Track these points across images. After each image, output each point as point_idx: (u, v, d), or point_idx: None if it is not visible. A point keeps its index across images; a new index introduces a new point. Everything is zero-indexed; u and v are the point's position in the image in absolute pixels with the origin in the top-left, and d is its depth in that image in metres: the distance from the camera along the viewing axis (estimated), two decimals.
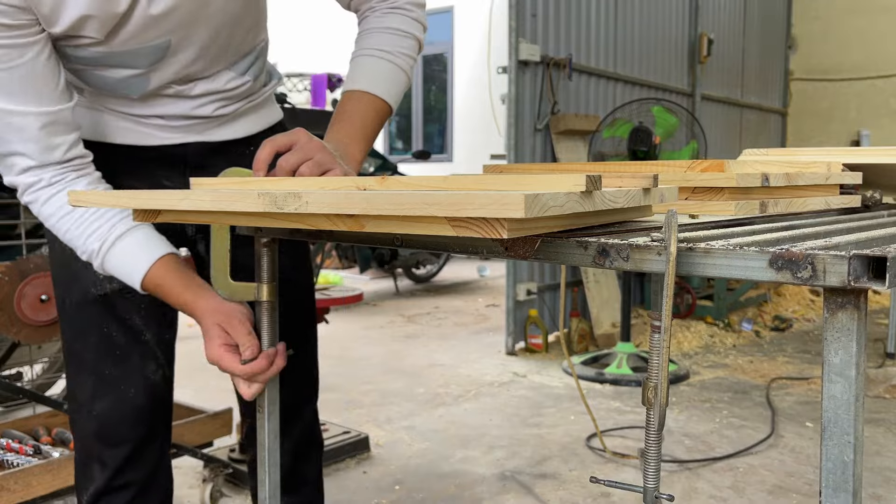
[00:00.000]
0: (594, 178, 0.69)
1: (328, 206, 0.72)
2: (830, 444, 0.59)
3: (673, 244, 0.63)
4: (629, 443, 2.84)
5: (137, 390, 1.20)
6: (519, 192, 0.61)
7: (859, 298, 0.57)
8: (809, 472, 2.55)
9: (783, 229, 0.76)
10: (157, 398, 1.23)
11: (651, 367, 0.72)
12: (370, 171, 6.21)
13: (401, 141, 10.21)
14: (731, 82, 6.47)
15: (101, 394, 1.19)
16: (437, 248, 0.81)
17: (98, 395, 1.19)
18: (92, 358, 1.19)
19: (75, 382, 1.22)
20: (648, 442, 0.75)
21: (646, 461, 0.75)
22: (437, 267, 6.94)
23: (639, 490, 0.76)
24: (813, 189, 1.10)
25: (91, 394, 1.19)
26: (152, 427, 1.23)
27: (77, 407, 1.22)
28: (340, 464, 2.63)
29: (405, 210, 0.66)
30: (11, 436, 2.14)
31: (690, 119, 4.28)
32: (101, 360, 1.19)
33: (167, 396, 1.26)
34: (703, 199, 0.94)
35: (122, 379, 1.19)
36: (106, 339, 1.19)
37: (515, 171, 1.17)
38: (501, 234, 0.63)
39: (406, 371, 3.91)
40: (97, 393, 1.19)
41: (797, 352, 4.33)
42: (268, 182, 0.97)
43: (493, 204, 0.61)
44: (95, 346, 1.19)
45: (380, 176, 0.82)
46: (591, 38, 4.71)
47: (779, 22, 7.26)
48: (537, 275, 4.41)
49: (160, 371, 1.23)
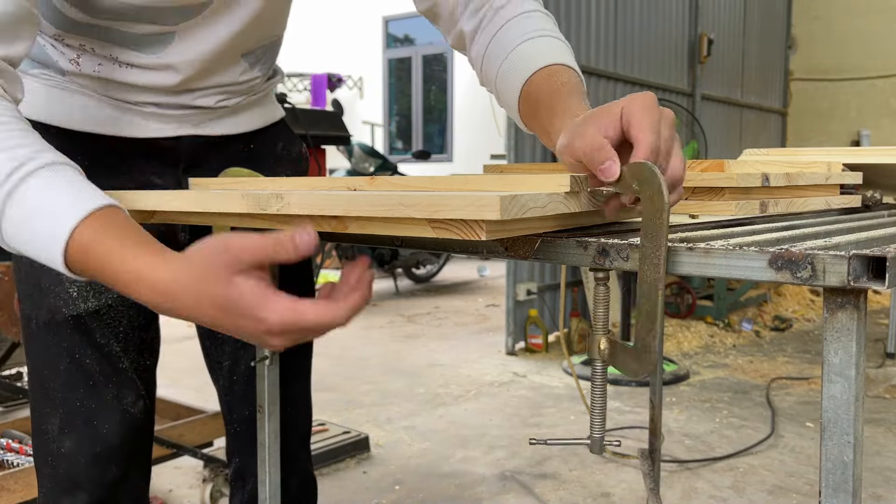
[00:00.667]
0: (579, 179, 0.69)
1: (310, 208, 0.72)
2: (830, 444, 0.59)
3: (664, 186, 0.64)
4: (629, 443, 2.84)
5: (112, 426, 1.04)
6: (496, 194, 0.61)
7: (859, 298, 0.57)
8: (809, 472, 2.55)
9: (783, 229, 0.76)
10: (135, 434, 1.07)
11: (596, 319, 0.75)
12: (370, 171, 6.21)
13: (401, 141, 10.21)
14: (731, 82, 6.47)
15: (69, 429, 1.03)
16: (436, 249, 0.80)
17: (66, 430, 1.03)
18: (60, 387, 1.03)
19: (40, 414, 1.05)
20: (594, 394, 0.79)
21: (592, 411, 0.77)
22: (437, 267, 6.94)
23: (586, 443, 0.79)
24: (813, 189, 1.10)
25: (58, 428, 1.03)
26: (127, 468, 1.07)
27: (42, 442, 1.05)
28: (340, 464, 2.63)
29: (384, 211, 0.66)
30: (11, 436, 2.15)
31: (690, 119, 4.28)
32: (71, 390, 1.03)
33: (147, 430, 1.11)
34: (703, 199, 0.94)
35: (94, 413, 1.03)
36: (77, 366, 1.02)
37: (515, 171, 1.17)
38: (480, 235, 0.63)
39: (406, 371, 3.91)
40: (65, 428, 1.03)
41: (797, 352, 4.33)
42: (265, 182, 0.97)
43: (469, 205, 0.61)
44: (65, 373, 1.02)
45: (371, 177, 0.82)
46: (591, 38, 4.71)
47: (779, 22, 7.26)
48: (537, 275, 4.41)
49: (140, 402, 1.07)
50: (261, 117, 1.21)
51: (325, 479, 2.51)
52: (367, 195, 0.68)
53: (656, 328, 0.66)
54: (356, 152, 6.29)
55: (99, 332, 1.03)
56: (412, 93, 9.80)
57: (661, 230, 0.63)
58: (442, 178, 0.80)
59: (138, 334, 1.06)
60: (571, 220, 0.73)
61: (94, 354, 1.03)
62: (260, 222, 0.83)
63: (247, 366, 1.23)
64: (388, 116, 10.04)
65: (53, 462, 1.04)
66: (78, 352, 1.02)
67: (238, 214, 0.82)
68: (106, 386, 1.04)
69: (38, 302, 1.02)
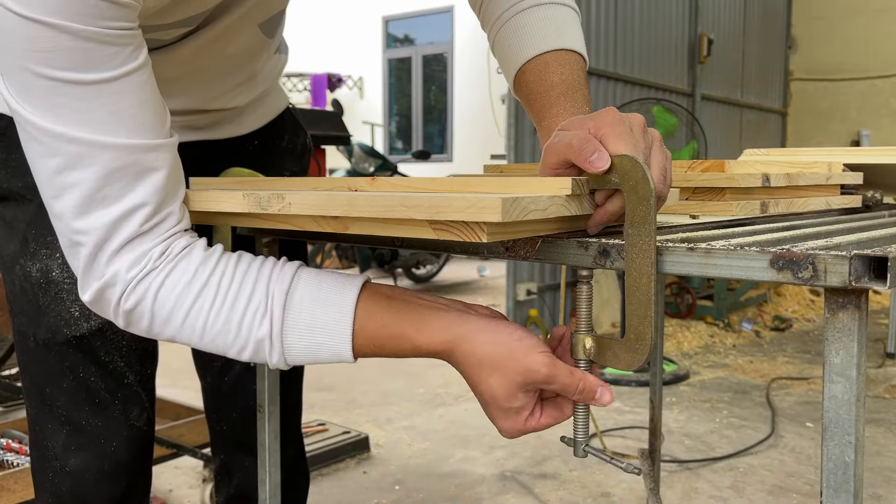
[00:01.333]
0: (580, 182, 0.69)
1: (311, 208, 0.72)
2: (831, 444, 0.58)
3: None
4: (629, 443, 2.84)
5: (120, 443, 1.02)
6: (497, 196, 0.61)
7: (860, 298, 0.57)
8: (809, 472, 2.55)
9: (784, 229, 0.76)
10: (142, 447, 1.06)
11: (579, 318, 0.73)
12: (370, 171, 6.21)
13: (401, 141, 10.21)
14: (731, 82, 6.47)
15: (76, 447, 1.00)
16: (437, 249, 0.80)
17: (73, 447, 1.00)
18: (65, 404, 0.99)
19: (43, 428, 1.01)
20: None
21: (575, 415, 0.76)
22: (437, 267, 6.94)
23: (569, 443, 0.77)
24: (814, 189, 1.10)
25: (63, 445, 1.00)
26: (133, 482, 1.05)
27: (42, 459, 1.02)
28: (340, 464, 2.63)
29: (385, 212, 0.66)
30: (11, 436, 2.14)
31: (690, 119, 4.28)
32: (77, 408, 0.99)
33: (151, 439, 1.09)
34: (704, 199, 0.94)
35: (102, 431, 1.00)
36: (83, 384, 0.99)
37: (516, 171, 1.16)
38: (481, 237, 0.63)
39: (406, 371, 3.91)
40: (72, 445, 1.00)
41: (797, 352, 4.33)
42: (264, 182, 0.97)
43: (470, 207, 0.61)
44: (70, 391, 0.99)
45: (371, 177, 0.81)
46: (591, 38, 4.71)
47: (779, 22, 7.26)
48: (537, 275, 4.41)
49: (144, 415, 1.05)
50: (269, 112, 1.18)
51: (325, 479, 2.51)
52: (368, 196, 0.68)
53: (650, 315, 0.66)
54: (356, 152, 6.29)
55: (103, 349, 0.99)
56: (412, 93, 9.80)
57: (648, 217, 0.63)
58: (443, 179, 0.79)
59: (140, 345, 1.04)
60: (572, 222, 0.73)
61: (98, 372, 1.00)
62: (261, 222, 0.83)
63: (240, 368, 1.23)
64: (388, 116, 10.04)
65: (56, 479, 1.01)
66: (82, 370, 0.99)
67: (239, 214, 0.82)
68: (112, 403, 1.01)
69: (36, 320, 0.98)
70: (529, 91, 0.91)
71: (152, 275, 0.72)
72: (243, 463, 1.28)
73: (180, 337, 0.74)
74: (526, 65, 0.92)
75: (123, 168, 0.69)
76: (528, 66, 0.92)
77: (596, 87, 4.76)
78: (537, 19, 0.93)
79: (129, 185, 0.70)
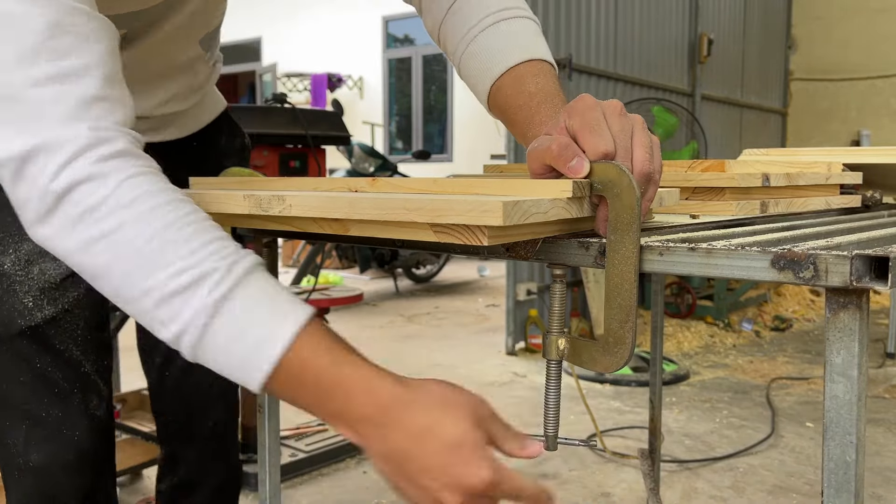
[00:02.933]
0: (581, 185, 0.69)
1: (312, 210, 0.72)
2: (832, 444, 0.58)
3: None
4: (629, 443, 2.84)
5: (82, 431, 1.02)
6: (498, 199, 0.61)
7: (861, 298, 0.57)
8: (809, 472, 2.55)
9: (784, 229, 0.76)
10: (104, 436, 1.07)
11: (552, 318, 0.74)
12: (370, 172, 6.21)
13: (401, 141, 10.21)
14: (731, 82, 6.47)
15: (38, 440, 1.00)
16: (437, 250, 0.81)
17: (34, 441, 1.00)
18: (24, 398, 1.00)
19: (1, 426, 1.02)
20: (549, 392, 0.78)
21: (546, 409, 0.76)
22: (437, 267, 6.94)
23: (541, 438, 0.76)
24: (813, 189, 1.10)
25: (25, 440, 1.00)
26: (99, 472, 1.06)
27: (8, 455, 1.01)
28: (340, 464, 2.63)
29: (387, 215, 0.66)
30: None
31: (690, 119, 4.28)
32: (36, 400, 1.00)
33: (112, 433, 1.10)
34: (704, 199, 0.94)
35: (63, 420, 1.01)
36: (40, 375, 0.99)
37: (516, 171, 1.16)
38: (482, 241, 0.63)
39: (406, 371, 3.88)
40: (33, 440, 1.00)
41: (797, 352, 4.33)
42: (264, 182, 0.97)
43: (472, 210, 0.61)
44: (28, 385, 0.99)
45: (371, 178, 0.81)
46: (591, 38, 4.71)
47: (779, 22, 7.27)
48: (537, 275, 4.41)
49: (103, 404, 1.06)
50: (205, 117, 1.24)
51: (325, 479, 2.51)
52: (369, 198, 0.68)
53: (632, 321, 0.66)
54: (356, 152, 6.29)
55: (58, 338, 1.00)
56: (412, 93, 9.80)
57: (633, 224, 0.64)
58: (444, 180, 0.80)
59: (95, 335, 1.04)
60: (572, 225, 0.73)
61: (54, 361, 1.00)
62: (261, 223, 0.83)
63: (179, 366, 1.26)
64: (388, 116, 10.04)
65: (21, 477, 1.01)
66: (38, 361, 0.99)
67: (239, 215, 0.82)
68: (71, 392, 1.02)
69: None
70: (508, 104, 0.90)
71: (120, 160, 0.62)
72: (188, 454, 1.33)
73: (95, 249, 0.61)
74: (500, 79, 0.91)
75: (70, 25, 0.63)
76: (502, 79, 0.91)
77: (596, 87, 4.76)
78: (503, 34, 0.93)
79: (78, 43, 0.63)
